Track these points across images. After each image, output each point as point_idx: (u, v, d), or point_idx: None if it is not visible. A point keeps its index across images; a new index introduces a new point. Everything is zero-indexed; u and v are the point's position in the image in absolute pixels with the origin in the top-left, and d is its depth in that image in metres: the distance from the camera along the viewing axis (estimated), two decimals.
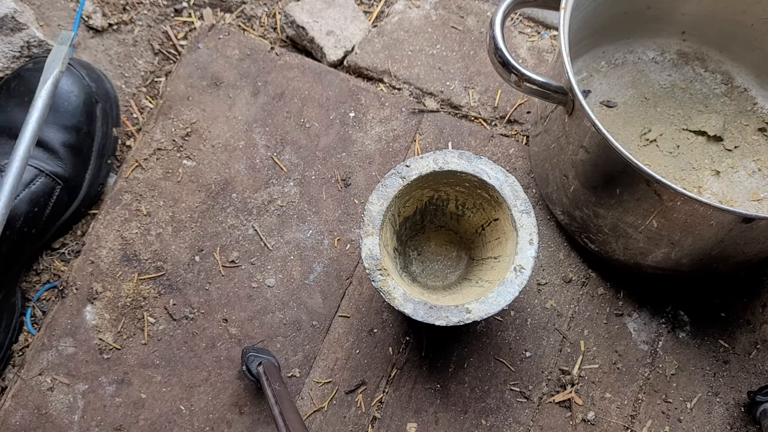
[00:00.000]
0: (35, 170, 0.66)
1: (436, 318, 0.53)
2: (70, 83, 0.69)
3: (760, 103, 0.75)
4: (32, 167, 0.66)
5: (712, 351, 0.68)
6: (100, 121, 0.71)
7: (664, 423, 0.65)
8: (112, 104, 0.73)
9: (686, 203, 0.54)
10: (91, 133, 0.70)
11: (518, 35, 0.80)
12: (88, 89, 0.70)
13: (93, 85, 0.70)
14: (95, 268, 0.68)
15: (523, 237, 0.55)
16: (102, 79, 0.72)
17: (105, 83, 0.73)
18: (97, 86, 0.71)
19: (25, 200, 0.66)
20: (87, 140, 0.70)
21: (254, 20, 0.81)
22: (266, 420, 0.64)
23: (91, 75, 0.71)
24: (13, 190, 0.56)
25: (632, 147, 0.72)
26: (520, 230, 0.55)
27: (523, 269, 0.54)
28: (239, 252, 0.69)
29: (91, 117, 0.70)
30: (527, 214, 0.55)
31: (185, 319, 0.67)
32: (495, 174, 0.56)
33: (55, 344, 0.65)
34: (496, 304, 0.54)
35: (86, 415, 0.64)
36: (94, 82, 0.71)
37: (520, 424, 0.64)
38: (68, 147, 0.69)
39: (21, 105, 0.68)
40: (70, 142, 0.69)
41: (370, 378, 0.65)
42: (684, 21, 0.74)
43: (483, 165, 0.56)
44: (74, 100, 0.69)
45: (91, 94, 0.70)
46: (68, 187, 0.68)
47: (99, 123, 0.71)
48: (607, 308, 0.69)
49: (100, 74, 0.73)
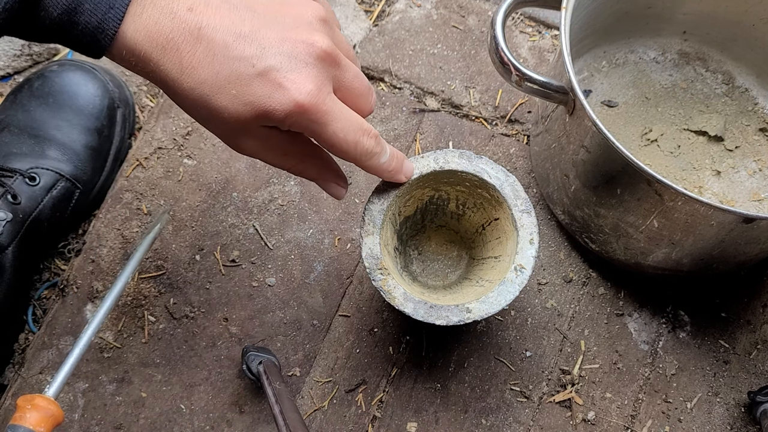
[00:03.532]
0: (56, 174, 0.67)
1: (437, 317, 0.53)
2: (95, 87, 0.70)
3: (761, 103, 0.75)
4: (52, 171, 0.67)
5: (712, 351, 0.68)
6: (119, 126, 0.72)
7: (664, 423, 0.65)
8: (131, 111, 0.74)
9: (687, 203, 0.54)
10: (111, 137, 0.71)
11: (519, 35, 0.80)
12: (112, 94, 0.71)
13: (116, 91, 0.72)
14: (96, 266, 0.68)
15: (524, 236, 0.55)
16: (123, 86, 0.74)
17: (125, 90, 0.74)
18: (119, 92, 0.72)
19: (49, 206, 0.66)
20: (106, 144, 0.71)
21: None
22: (266, 419, 0.64)
23: (114, 81, 0.72)
24: (99, 324, 0.55)
25: (633, 147, 0.72)
26: (521, 230, 0.55)
27: (524, 269, 0.54)
28: (240, 251, 0.69)
29: (113, 121, 0.71)
30: (528, 214, 0.55)
31: (185, 318, 0.67)
32: (495, 174, 0.55)
33: (56, 343, 0.65)
34: (497, 303, 0.53)
35: (86, 414, 0.64)
36: (117, 87, 0.72)
37: (521, 424, 0.64)
38: (89, 149, 0.69)
39: (43, 105, 0.69)
40: (91, 145, 0.69)
41: (371, 377, 0.65)
42: (685, 21, 0.74)
43: (483, 164, 0.55)
44: (98, 103, 0.70)
45: (114, 99, 0.71)
46: (85, 190, 0.69)
47: (118, 128, 0.72)
48: (607, 308, 0.69)
49: (120, 81, 0.74)
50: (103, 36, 0.39)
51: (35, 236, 0.66)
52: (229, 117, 0.41)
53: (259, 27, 0.41)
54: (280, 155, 0.46)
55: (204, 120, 0.43)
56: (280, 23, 0.42)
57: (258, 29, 0.41)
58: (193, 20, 0.40)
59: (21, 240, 0.64)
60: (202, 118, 0.43)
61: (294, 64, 0.41)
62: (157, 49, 0.40)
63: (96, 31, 0.39)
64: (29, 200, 0.65)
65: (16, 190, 0.64)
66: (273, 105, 0.41)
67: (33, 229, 0.65)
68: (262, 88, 0.41)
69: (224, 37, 0.40)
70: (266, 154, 0.46)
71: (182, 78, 0.40)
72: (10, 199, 0.64)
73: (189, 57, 0.40)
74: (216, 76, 0.40)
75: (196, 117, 0.44)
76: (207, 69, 0.40)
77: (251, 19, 0.41)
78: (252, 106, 0.41)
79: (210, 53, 0.40)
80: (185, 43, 0.40)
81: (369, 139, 0.46)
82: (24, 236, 0.64)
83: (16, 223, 0.63)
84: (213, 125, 0.44)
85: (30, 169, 0.65)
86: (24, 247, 0.65)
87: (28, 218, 0.64)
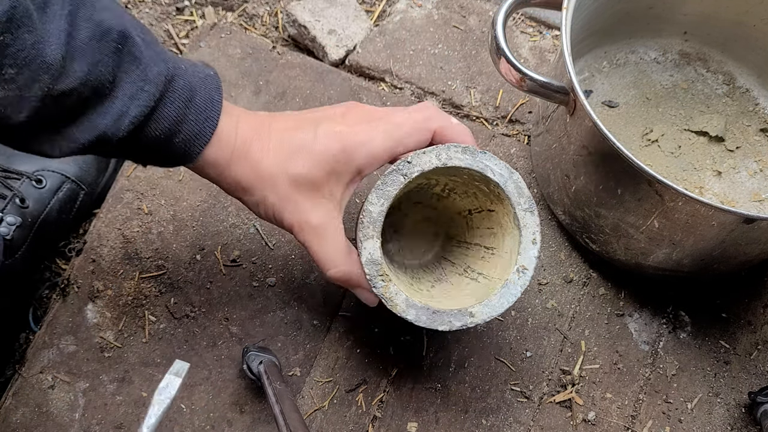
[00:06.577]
0: (61, 176, 0.67)
1: (440, 323, 0.52)
2: None
3: (761, 103, 0.75)
4: (58, 173, 0.66)
5: (713, 351, 0.68)
6: None
7: (664, 423, 0.65)
8: None
9: (688, 204, 0.54)
10: None
11: (520, 35, 0.80)
12: None
13: None
14: (96, 266, 0.68)
15: (527, 236, 0.54)
16: None
17: None
18: None
19: (55, 209, 0.66)
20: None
21: (256, 19, 0.81)
22: (267, 419, 0.64)
23: None
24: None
25: (634, 147, 0.72)
26: (523, 229, 0.54)
27: (526, 270, 0.53)
28: (240, 251, 0.69)
29: None
30: (531, 213, 0.53)
31: (186, 318, 0.67)
32: (499, 170, 0.53)
33: (56, 342, 0.66)
34: (499, 306, 0.53)
35: (87, 414, 0.64)
36: None
37: (521, 424, 0.64)
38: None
39: None
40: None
41: (371, 377, 0.65)
42: (686, 21, 0.74)
43: (487, 160, 0.53)
44: None
45: None
46: (90, 191, 0.69)
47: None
48: (608, 308, 0.69)
49: None
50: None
51: (43, 239, 0.66)
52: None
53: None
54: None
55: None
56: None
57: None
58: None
59: (30, 244, 0.64)
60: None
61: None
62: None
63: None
64: (36, 203, 0.65)
65: (24, 194, 0.64)
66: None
67: (41, 232, 0.65)
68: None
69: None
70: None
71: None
72: (18, 203, 0.63)
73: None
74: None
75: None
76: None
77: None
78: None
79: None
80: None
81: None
82: (33, 240, 0.64)
83: (25, 227, 0.63)
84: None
85: (36, 172, 0.65)
86: (32, 250, 0.65)
87: (36, 221, 0.64)
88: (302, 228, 0.51)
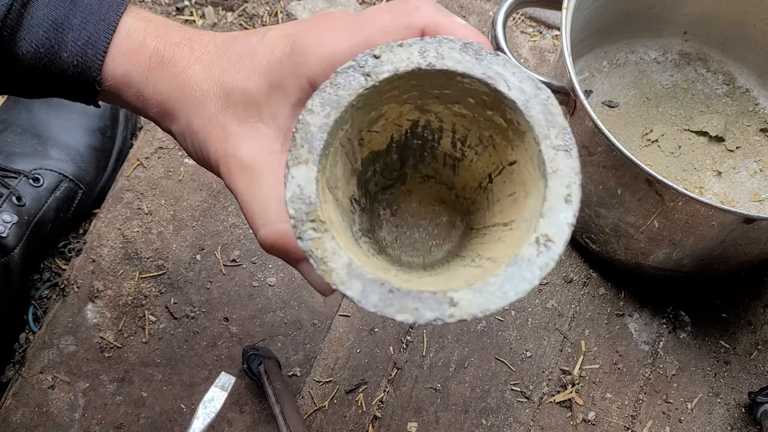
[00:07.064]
0: (59, 175, 0.67)
1: (399, 309, 0.29)
2: None
3: (761, 103, 0.75)
4: (56, 172, 0.67)
5: (713, 351, 0.68)
6: (122, 126, 0.72)
7: (664, 423, 0.65)
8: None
9: (688, 204, 0.54)
10: (114, 138, 0.71)
11: (520, 35, 0.80)
12: None
13: None
14: (96, 266, 0.68)
15: (556, 189, 0.31)
16: None
17: None
18: None
19: (53, 208, 0.66)
20: (109, 144, 0.71)
21: (256, 19, 0.81)
22: (267, 419, 0.64)
23: None
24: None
25: (634, 147, 0.72)
26: (552, 177, 0.31)
27: (551, 242, 0.30)
28: (240, 251, 0.69)
29: (116, 121, 0.71)
30: (566, 153, 0.32)
31: (186, 318, 0.67)
32: (519, 83, 0.32)
33: (56, 342, 0.66)
34: (500, 295, 0.29)
35: (87, 414, 0.64)
36: None
37: (521, 424, 0.64)
38: (92, 149, 0.69)
39: (47, 105, 0.69)
40: (94, 145, 0.69)
41: (371, 377, 0.65)
42: (686, 21, 0.74)
43: (500, 67, 0.32)
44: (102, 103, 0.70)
45: None
46: (88, 191, 0.69)
47: (121, 128, 0.72)
48: (608, 308, 0.69)
49: None
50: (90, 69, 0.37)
51: (40, 237, 0.66)
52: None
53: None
54: None
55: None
56: None
57: None
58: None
59: (26, 241, 0.64)
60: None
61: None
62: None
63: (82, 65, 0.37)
64: (33, 201, 0.65)
65: (21, 192, 0.64)
66: None
67: (38, 231, 0.65)
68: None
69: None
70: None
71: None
72: (14, 201, 0.64)
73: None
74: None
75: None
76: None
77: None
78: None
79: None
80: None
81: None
82: (29, 238, 0.64)
83: (22, 225, 0.64)
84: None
85: (34, 170, 0.65)
86: (29, 249, 0.65)
87: (33, 220, 0.65)
88: (228, 165, 0.35)
